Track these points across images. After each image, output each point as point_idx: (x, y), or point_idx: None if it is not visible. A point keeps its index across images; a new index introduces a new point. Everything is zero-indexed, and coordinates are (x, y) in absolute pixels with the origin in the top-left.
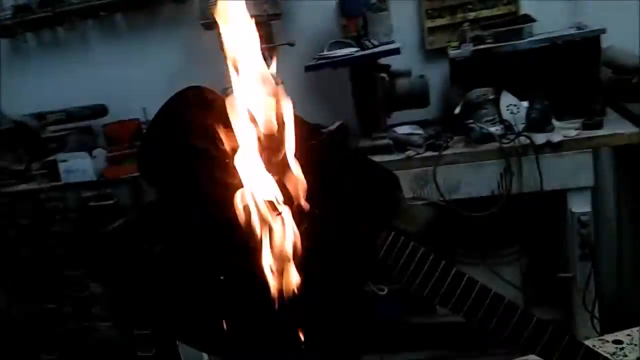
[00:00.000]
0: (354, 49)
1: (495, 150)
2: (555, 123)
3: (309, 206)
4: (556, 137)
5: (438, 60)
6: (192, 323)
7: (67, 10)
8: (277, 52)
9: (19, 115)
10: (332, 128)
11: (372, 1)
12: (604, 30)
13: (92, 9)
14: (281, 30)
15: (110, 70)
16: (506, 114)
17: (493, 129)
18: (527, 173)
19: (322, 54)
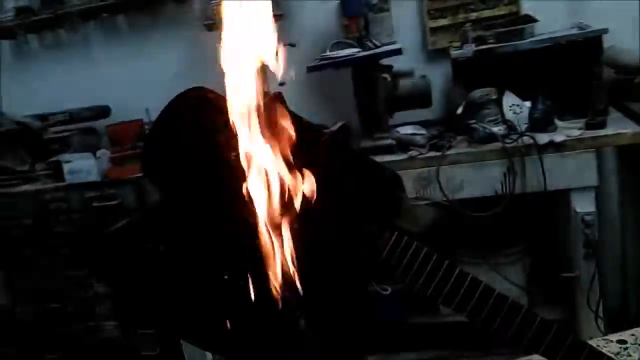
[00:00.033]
0: (356, 50)
1: (498, 150)
2: (558, 123)
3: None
4: (559, 137)
5: (440, 60)
6: (195, 322)
7: (69, 12)
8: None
9: (21, 117)
10: (334, 128)
11: (374, 2)
12: (605, 30)
13: (94, 10)
14: (283, 31)
15: (112, 71)
16: (509, 114)
17: (496, 129)
18: (530, 173)
19: (324, 54)
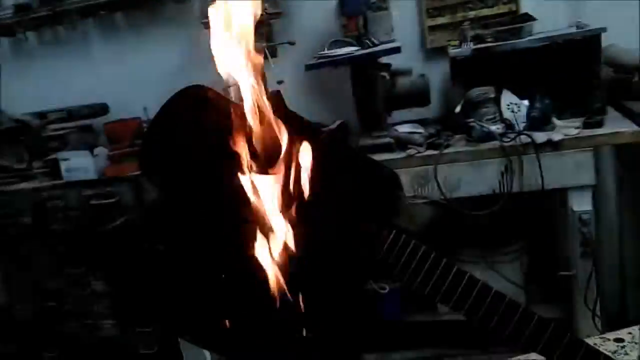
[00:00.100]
0: (354, 48)
1: (496, 149)
2: (555, 122)
3: (310, 205)
4: (557, 136)
5: (438, 59)
6: (194, 321)
7: (68, 9)
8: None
9: (20, 114)
10: (333, 127)
11: (373, 0)
12: (604, 29)
13: (93, 7)
14: (281, 29)
15: (111, 69)
16: (507, 113)
17: (494, 127)
18: (528, 172)
19: (323, 52)
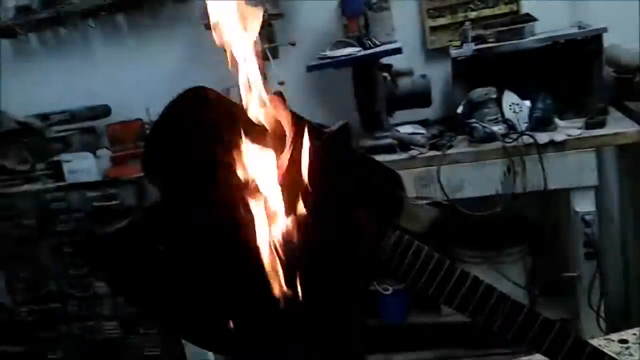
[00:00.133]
0: (355, 49)
1: (498, 150)
2: (558, 122)
3: (312, 206)
4: (559, 136)
5: (440, 59)
6: (196, 322)
7: (69, 11)
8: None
9: (22, 116)
10: (335, 128)
11: (374, 1)
12: (605, 29)
13: (94, 9)
14: (283, 30)
15: (113, 70)
16: (509, 113)
17: (496, 128)
18: (530, 172)
19: (324, 53)
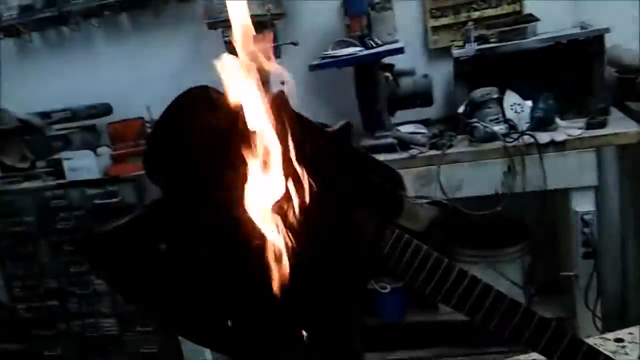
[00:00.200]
0: (357, 48)
1: (499, 149)
2: (559, 122)
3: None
4: (560, 136)
5: (442, 59)
6: (197, 321)
7: (72, 10)
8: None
9: (24, 114)
10: (337, 127)
11: (376, 0)
12: (607, 30)
13: (97, 8)
14: (285, 30)
15: (114, 69)
16: (510, 113)
17: (497, 128)
18: (530, 172)
19: (326, 53)
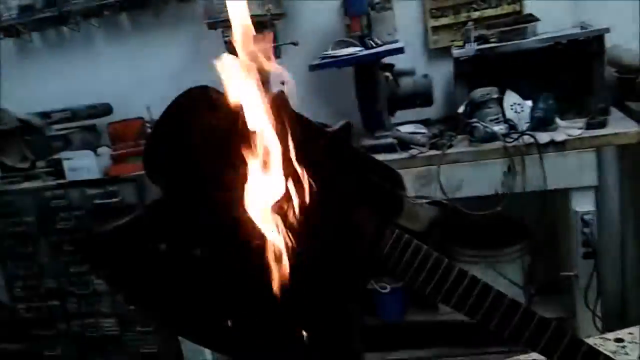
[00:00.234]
0: (357, 48)
1: (499, 149)
2: (559, 122)
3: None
4: (560, 136)
5: (442, 59)
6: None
7: (72, 10)
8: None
9: (24, 114)
10: (337, 127)
11: (376, 0)
12: (607, 30)
13: (97, 8)
14: (285, 30)
15: (114, 69)
16: (510, 113)
17: (497, 128)
18: (530, 172)
19: (326, 53)
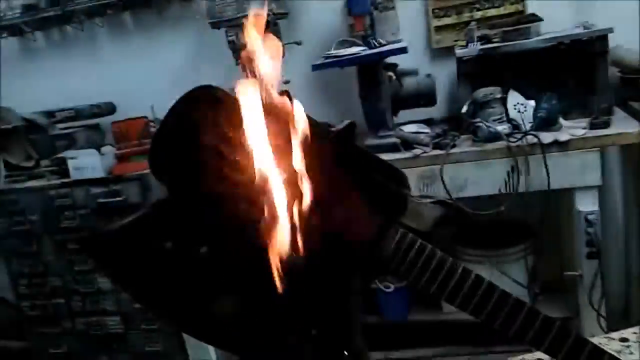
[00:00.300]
0: (360, 48)
1: (502, 149)
2: (562, 122)
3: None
4: (563, 136)
5: (445, 59)
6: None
7: (76, 9)
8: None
9: (28, 113)
10: (341, 127)
11: (379, 0)
12: (611, 30)
13: (101, 7)
14: (288, 30)
15: (118, 68)
16: (513, 113)
17: (500, 127)
18: (534, 172)
19: (329, 53)
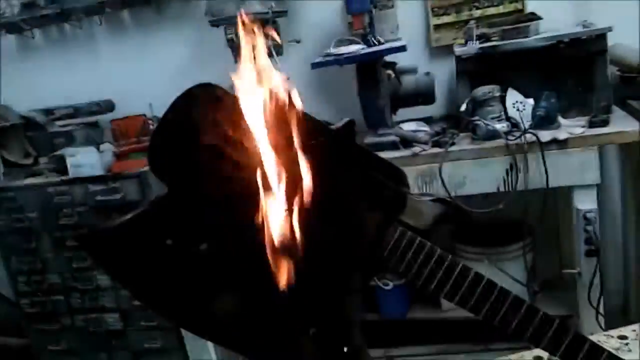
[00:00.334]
0: (360, 46)
1: (501, 147)
2: (561, 120)
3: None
4: (562, 135)
5: (444, 57)
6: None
7: (74, 7)
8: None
9: (27, 111)
10: (340, 125)
11: None
12: (610, 28)
13: (99, 5)
14: (287, 28)
15: (117, 66)
16: (512, 111)
17: (499, 126)
18: (532, 170)
19: (328, 51)
